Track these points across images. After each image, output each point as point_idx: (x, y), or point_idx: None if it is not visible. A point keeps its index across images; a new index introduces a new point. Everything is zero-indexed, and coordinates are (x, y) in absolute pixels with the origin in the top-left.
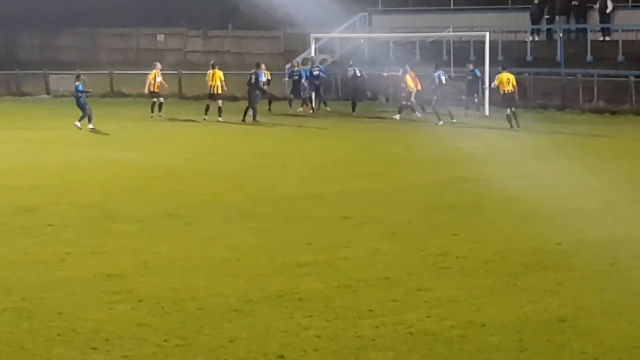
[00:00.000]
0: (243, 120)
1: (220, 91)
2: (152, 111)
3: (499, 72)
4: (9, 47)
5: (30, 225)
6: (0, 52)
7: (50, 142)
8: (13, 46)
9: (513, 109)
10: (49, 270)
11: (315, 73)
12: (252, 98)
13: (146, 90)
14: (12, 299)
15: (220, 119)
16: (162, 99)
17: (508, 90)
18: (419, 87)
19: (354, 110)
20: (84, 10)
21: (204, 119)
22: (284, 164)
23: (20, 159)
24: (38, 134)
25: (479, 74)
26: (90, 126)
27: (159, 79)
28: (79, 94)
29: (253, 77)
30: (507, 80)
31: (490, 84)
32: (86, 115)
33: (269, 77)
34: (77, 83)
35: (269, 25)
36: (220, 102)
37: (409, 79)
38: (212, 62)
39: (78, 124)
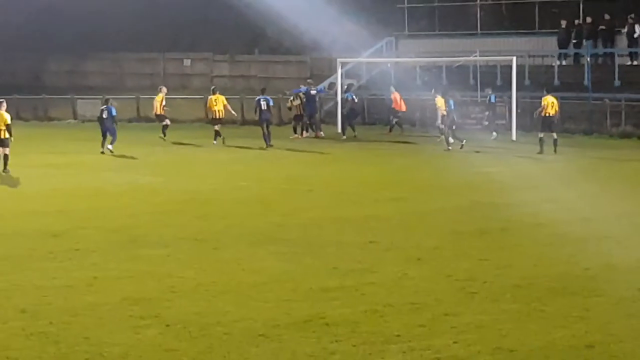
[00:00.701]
0: (269, 145)
1: (223, 115)
2: (164, 134)
3: (544, 96)
4: (36, 73)
5: (58, 250)
6: (27, 77)
7: (77, 167)
8: (40, 71)
9: (554, 134)
10: (76, 294)
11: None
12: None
13: (154, 114)
14: (40, 323)
15: (215, 142)
16: (168, 122)
17: (548, 113)
18: (404, 109)
19: (350, 132)
20: (110, 36)
21: (217, 143)
22: (310, 188)
23: (47, 184)
24: (65, 158)
25: (493, 99)
26: (110, 148)
27: (164, 102)
28: (112, 118)
29: (263, 102)
30: (551, 103)
31: (517, 109)
32: (115, 138)
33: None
34: (110, 107)
35: (295, 49)
36: (218, 126)
37: (439, 101)
38: (213, 87)
39: (110, 147)
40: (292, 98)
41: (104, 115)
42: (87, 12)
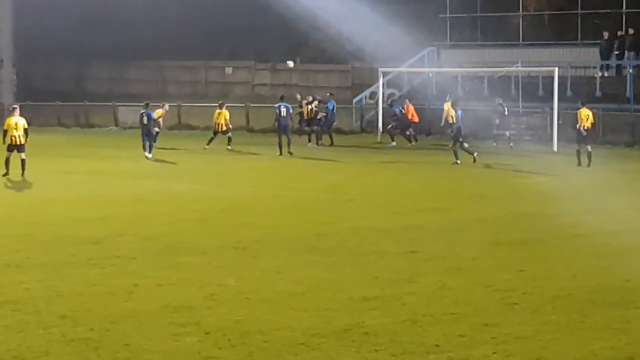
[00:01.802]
0: (283, 153)
1: (224, 129)
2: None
3: (578, 109)
4: (77, 80)
5: (98, 257)
6: (69, 84)
7: (117, 174)
8: (82, 78)
9: (589, 146)
10: (116, 301)
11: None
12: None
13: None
14: (80, 329)
15: (207, 147)
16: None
17: (584, 127)
18: (417, 120)
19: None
20: (152, 43)
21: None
22: (350, 198)
23: (87, 190)
24: (105, 165)
25: (501, 108)
26: (148, 155)
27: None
28: (152, 122)
29: (283, 109)
30: (586, 116)
31: (559, 120)
32: (151, 144)
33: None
34: (149, 111)
35: (337, 58)
36: (213, 135)
37: (447, 106)
38: (220, 102)
39: (149, 154)
40: (314, 107)
41: (144, 121)
42: (128, 19)
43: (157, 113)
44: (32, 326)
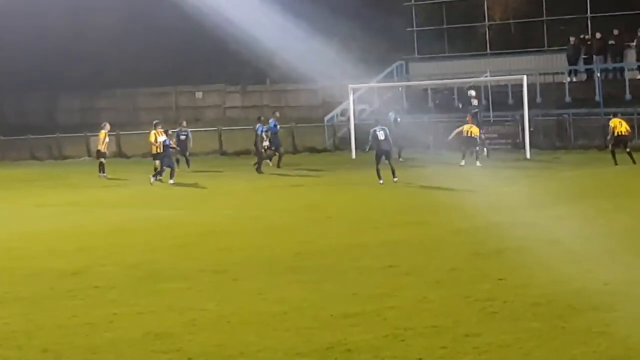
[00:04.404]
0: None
1: (160, 151)
2: (100, 171)
3: (610, 119)
4: (49, 112)
5: (77, 288)
6: (40, 117)
7: (93, 204)
8: (53, 110)
9: (628, 149)
10: (97, 332)
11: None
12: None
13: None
14: None
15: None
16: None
17: (620, 132)
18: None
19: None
20: (121, 71)
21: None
22: (328, 216)
23: (64, 222)
24: (81, 195)
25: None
26: (160, 179)
27: (107, 139)
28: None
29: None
30: (620, 123)
31: (530, 127)
32: (164, 169)
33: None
34: (165, 138)
35: (306, 77)
36: (157, 162)
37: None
38: (155, 121)
39: (171, 180)
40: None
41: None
42: (97, 49)
43: (100, 134)
44: None
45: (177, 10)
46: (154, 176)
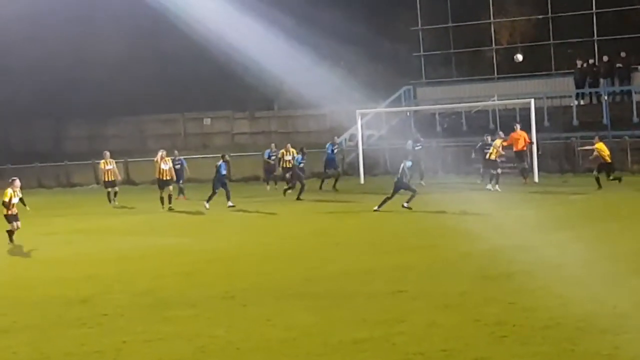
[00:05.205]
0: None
1: (166, 178)
2: (110, 201)
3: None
4: (56, 140)
5: (86, 316)
6: (47, 145)
7: (101, 232)
8: (60, 138)
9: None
10: None
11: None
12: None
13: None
14: None
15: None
16: (116, 188)
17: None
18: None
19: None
20: (129, 99)
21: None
22: (336, 241)
23: (73, 250)
24: (88, 223)
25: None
26: (229, 203)
27: (109, 167)
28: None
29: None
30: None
31: (538, 151)
32: (216, 192)
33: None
34: (219, 163)
35: (313, 103)
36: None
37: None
38: (160, 150)
39: (229, 202)
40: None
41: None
42: (104, 76)
43: (101, 164)
44: None
45: (183, 37)
46: (207, 201)
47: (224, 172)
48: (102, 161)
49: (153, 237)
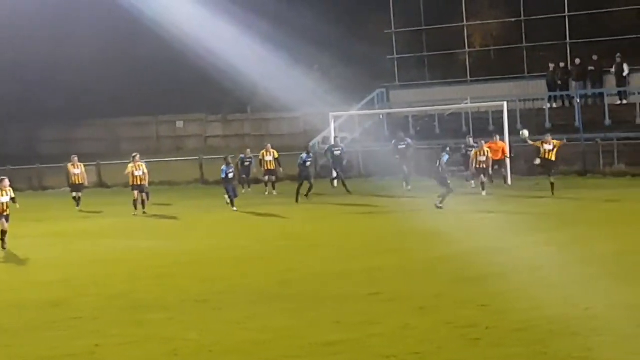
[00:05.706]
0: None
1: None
2: (77, 205)
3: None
4: (28, 143)
5: (59, 319)
6: (20, 147)
7: (74, 235)
8: (32, 141)
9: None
10: None
11: (337, 153)
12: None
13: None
14: None
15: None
16: (80, 194)
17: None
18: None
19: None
20: (101, 102)
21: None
22: (310, 244)
23: (46, 253)
24: (61, 226)
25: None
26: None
27: (76, 170)
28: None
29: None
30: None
31: (511, 154)
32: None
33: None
34: (224, 167)
35: (287, 106)
36: (135, 192)
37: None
38: (134, 154)
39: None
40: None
41: (230, 175)
42: (77, 79)
43: (70, 167)
44: None
45: (157, 39)
46: (230, 204)
47: (223, 175)
48: (70, 164)
49: (127, 240)
